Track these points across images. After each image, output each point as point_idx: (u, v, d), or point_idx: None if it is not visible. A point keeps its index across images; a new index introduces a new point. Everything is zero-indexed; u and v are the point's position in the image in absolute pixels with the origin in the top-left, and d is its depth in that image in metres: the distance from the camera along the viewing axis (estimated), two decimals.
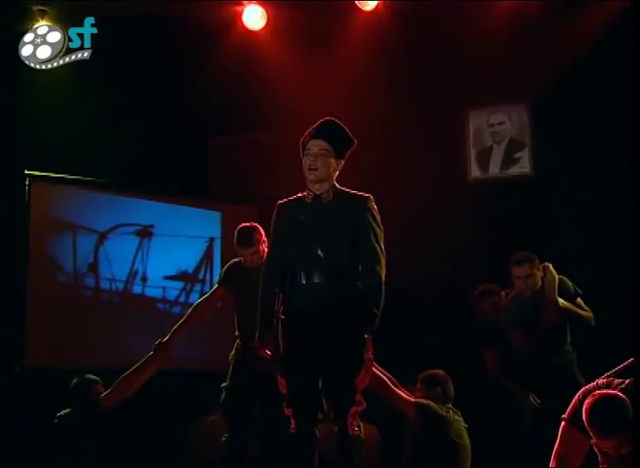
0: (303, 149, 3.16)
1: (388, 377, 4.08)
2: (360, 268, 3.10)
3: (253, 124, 6.28)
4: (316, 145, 3.11)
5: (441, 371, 4.28)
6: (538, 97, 5.60)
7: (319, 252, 3.04)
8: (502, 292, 4.59)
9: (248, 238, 4.09)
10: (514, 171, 5.80)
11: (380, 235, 3.13)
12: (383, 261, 3.09)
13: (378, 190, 6.14)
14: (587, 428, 2.65)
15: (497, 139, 5.88)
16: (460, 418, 4.19)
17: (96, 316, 5.53)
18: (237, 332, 4.20)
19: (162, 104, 6.05)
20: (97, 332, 5.48)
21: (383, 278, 3.08)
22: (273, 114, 5.95)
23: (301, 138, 3.18)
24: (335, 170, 3.15)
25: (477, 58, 5.55)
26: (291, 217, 3.14)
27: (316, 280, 3.06)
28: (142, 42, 5.68)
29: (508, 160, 5.83)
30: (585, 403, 2.66)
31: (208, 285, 5.81)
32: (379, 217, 3.15)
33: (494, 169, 5.85)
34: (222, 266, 4.39)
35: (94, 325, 5.49)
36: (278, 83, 5.97)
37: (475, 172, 5.88)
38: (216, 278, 4.81)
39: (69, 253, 5.39)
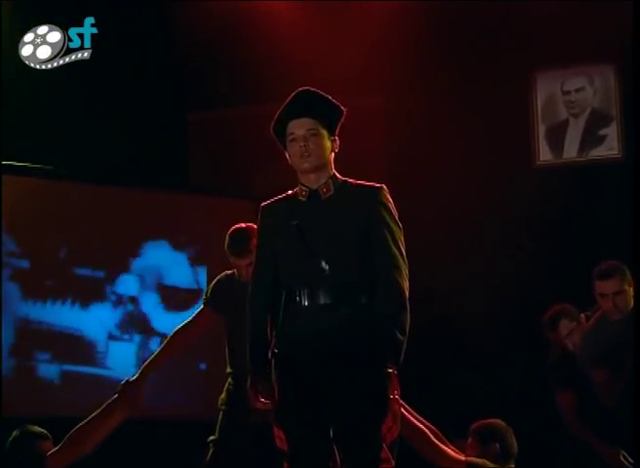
0: (282, 136, 3.17)
1: (430, 429, 4.09)
2: (377, 281, 3.11)
3: (247, 93, 6.32)
4: (301, 126, 3.12)
5: (500, 422, 4.28)
6: (629, 53, 5.59)
7: (323, 264, 3.04)
8: (582, 316, 4.59)
9: (242, 244, 4.10)
10: (598, 153, 5.80)
11: (399, 235, 3.13)
12: (405, 270, 3.10)
13: (416, 181, 6.22)
14: None
15: (574, 111, 5.88)
16: None
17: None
18: (229, 369, 4.21)
19: (125, 66, 6.13)
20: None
21: (407, 291, 3.08)
22: (274, 80, 5.98)
23: (272, 123, 3.18)
24: (331, 151, 3.16)
25: (547, 4, 5.57)
26: (281, 223, 3.15)
27: (322, 300, 3.06)
28: None
29: (590, 138, 5.83)
30: None
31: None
32: (395, 212, 3.15)
33: (570, 150, 5.86)
34: (209, 281, 4.43)
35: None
36: (281, 39, 6.01)
37: (545, 154, 5.89)
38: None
39: None
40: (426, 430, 4.06)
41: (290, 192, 3.22)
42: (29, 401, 5.57)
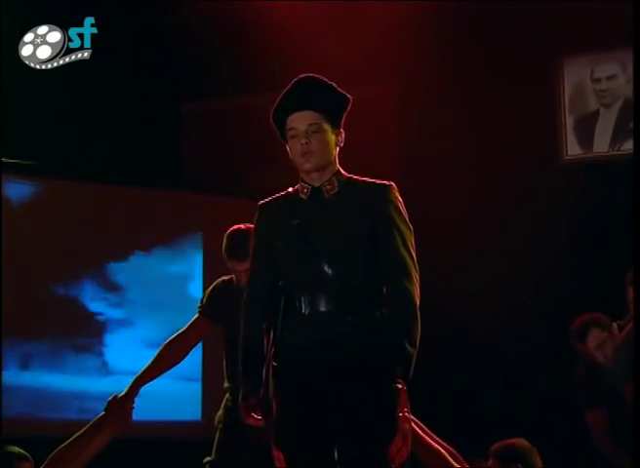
0: (282, 129, 3.14)
1: (447, 449, 4.09)
2: (384, 287, 3.10)
3: (247, 80, 6.32)
4: (302, 119, 3.09)
5: (523, 441, 4.27)
6: None
7: (325, 268, 3.05)
8: (614, 325, 4.57)
9: (242, 246, 4.08)
10: (631, 147, 5.77)
11: (410, 237, 3.12)
12: (416, 276, 3.09)
13: (430, 177, 6.19)
14: None
15: (605, 102, 5.86)
16: None
17: None
18: (227, 383, 4.22)
19: (116, 52, 6.15)
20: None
21: (418, 299, 3.07)
22: (275, 66, 5.97)
23: (272, 112, 3.16)
24: (336, 146, 3.15)
25: None
26: (281, 222, 3.14)
27: (323, 308, 3.06)
28: None
29: (622, 131, 5.81)
30: None
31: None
32: (405, 213, 3.14)
33: (600, 144, 5.84)
34: (206, 287, 4.43)
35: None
36: (283, 21, 6.01)
37: (573, 149, 5.87)
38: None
39: None
40: (443, 450, 4.06)
41: (290, 189, 3.21)
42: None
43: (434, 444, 4.02)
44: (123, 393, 4.20)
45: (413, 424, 3.96)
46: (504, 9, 5.84)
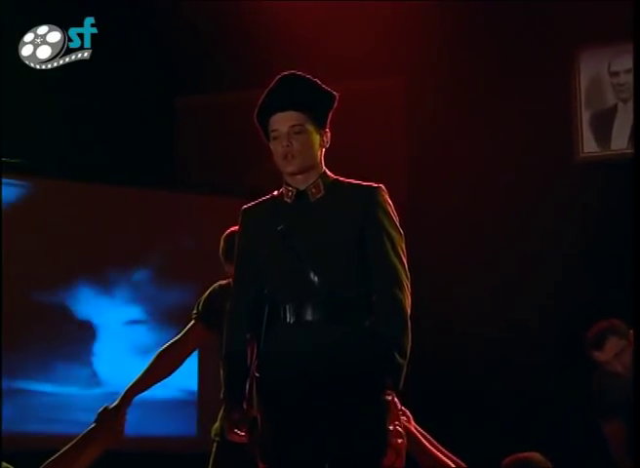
0: (265, 129, 3.16)
1: (458, 464, 4.09)
2: (373, 296, 3.10)
3: (245, 74, 6.30)
4: (284, 121, 3.10)
5: (537, 455, 4.25)
6: None
7: (311, 275, 3.05)
8: (631, 332, 4.57)
9: None
10: None
11: (400, 243, 3.13)
12: (407, 283, 3.09)
13: (438, 177, 6.18)
14: None
15: (623, 96, 5.85)
16: None
17: None
18: (224, 394, 4.21)
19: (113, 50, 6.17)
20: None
21: (409, 309, 3.07)
22: (275, 59, 5.95)
23: (255, 110, 3.16)
24: (321, 147, 3.15)
25: None
26: (265, 227, 3.16)
27: (309, 317, 3.06)
28: None
29: None
30: None
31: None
32: (396, 216, 3.14)
33: (618, 141, 5.82)
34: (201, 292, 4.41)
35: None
36: (284, 11, 6.00)
37: (590, 146, 5.86)
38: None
39: None
40: (453, 465, 4.05)
41: (275, 193, 3.21)
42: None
43: (445, 458, 4.02)
44: (115, 404, 4.18)
45: (420, 436, 3.97)
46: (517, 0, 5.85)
